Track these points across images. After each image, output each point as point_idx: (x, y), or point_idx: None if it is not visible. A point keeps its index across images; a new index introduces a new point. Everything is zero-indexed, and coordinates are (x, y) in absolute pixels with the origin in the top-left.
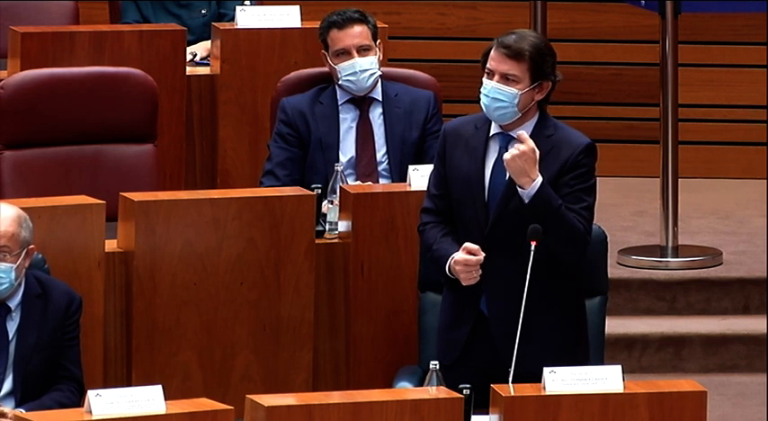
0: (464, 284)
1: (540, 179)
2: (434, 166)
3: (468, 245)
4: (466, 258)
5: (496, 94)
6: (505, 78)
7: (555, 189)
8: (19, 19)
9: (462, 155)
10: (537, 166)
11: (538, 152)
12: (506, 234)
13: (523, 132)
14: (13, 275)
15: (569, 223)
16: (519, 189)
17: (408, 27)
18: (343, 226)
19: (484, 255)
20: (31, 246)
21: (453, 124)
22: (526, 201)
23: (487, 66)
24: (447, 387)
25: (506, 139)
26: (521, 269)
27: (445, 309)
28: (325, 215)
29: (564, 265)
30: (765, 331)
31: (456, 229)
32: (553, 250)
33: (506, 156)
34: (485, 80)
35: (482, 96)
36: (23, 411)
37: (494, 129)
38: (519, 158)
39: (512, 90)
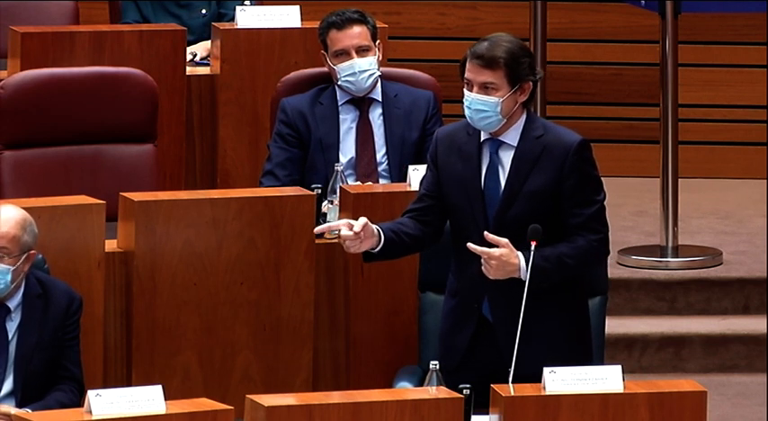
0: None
1: (521, 258)
2: (426, 172)
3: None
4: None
5: (478, 105)
6: (484, 88)
7: (558, 195)
8: (19, 19)
9: (457, 161)
10: (512, 251)
11: (506, 240)
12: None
13: (486, 234)
14: (9, 277)
15: (578, 258)
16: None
17: (408, 27)
18: None
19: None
20: (32, 251)
21: (446, 130)
22: (525, 279)
23: (465, 76)
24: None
25: (496, 145)
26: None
27: (446, 314)
28: (325, 215)
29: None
30: (765, 331)
31: (430, 227)
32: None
33: (489, 275)
34: (465, 91)
35: (465, 108)
36: (30, 411)
37: (484, 136)
38: (497, 268)
39: (492, 99)
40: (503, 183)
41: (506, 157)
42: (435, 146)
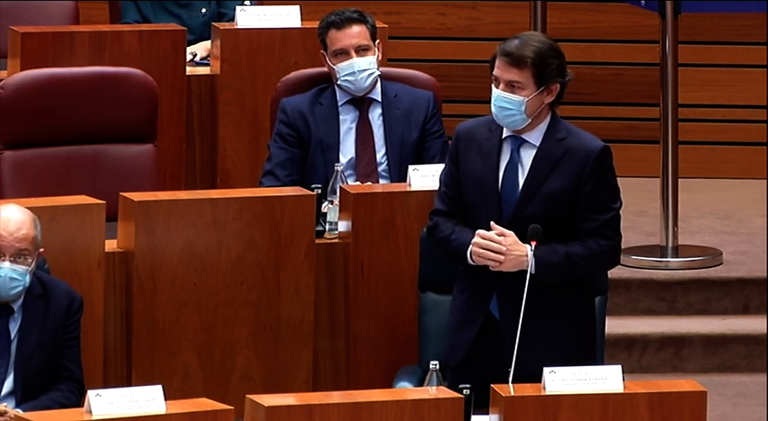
0: (487, 265)
1: (528, 250)
2: (446, 167)
3: (480, 231)
4: (483, 242)
5: (503, 102)
6: (511, 86)
7: (575, 199)
8: (19, 19)
9: (476, 158)
10: (517, 242)
11: (511, 232)
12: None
13: (492, 224)
14: (27, 278)
15: (588, 259)
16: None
17: (408, 27)
18: (343, 226)
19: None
20: (42, 249)
21: (467, 126)
22: (534, 272)
23: (493, 73)
24: (451, 388)
25: (518, 142)
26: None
27: (455, 311)
28: (325, 215)
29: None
30: (765, 331)
31: (469, 228)
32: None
33: (501, 268)
34: (492, 87)
35: (491, 104)
36: (21, 411)
37: (506, 132)
38: (507, 261)
39: (518, 97)
40: (521, 182)
41: (527, 157)
42: (456, 141)
